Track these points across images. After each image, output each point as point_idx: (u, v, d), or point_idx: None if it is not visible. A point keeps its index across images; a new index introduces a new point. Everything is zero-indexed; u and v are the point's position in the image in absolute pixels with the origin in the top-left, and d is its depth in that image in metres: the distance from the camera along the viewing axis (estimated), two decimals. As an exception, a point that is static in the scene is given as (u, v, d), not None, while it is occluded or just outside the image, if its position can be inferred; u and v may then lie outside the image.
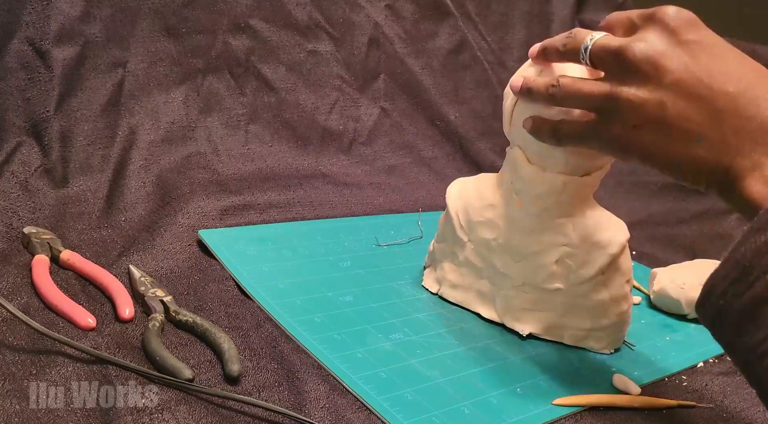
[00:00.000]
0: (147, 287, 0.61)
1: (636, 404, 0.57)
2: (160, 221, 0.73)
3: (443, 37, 1.07)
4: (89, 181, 0.76)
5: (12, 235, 0.66)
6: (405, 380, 0.56)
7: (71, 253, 0.63)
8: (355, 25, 0.99)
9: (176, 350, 0.54)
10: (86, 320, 0.55)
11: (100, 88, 0.80)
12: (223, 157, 0.87)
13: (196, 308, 0.61)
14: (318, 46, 0.96)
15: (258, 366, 0.55)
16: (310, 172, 0.92)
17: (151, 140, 0.83)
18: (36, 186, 0.73)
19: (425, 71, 1.05)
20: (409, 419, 0.51)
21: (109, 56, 0.81)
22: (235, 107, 0.90)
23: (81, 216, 0.72)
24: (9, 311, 0.50)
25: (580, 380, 0.60)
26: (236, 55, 0.90)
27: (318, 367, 0.56)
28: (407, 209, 0.90)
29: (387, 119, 1.02)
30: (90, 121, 0.79)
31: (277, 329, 0.60)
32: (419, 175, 1.01)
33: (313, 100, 0.96)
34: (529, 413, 0.54)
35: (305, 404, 0.51)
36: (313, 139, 0.95)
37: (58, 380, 0.48)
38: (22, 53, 0.74)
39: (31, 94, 0.75)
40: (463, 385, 0.57)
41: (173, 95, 0.86)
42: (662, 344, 0.68)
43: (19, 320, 0.50)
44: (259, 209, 0.81)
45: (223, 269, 0.68)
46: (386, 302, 0.67)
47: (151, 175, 0.80)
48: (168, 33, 0.85)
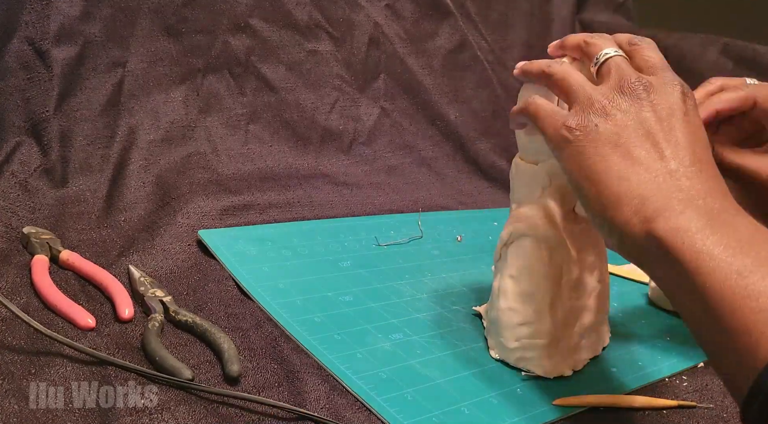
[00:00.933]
0: (146, 287, 0.61)
1: (637, 404, 0.57)
2: (160, 221, 0.73)
3: (443, 36, 1.07)
4: (89, 181, 0.76)
5: (11, 235, 0.66)
6: (405, 380, 0.56)
7: (71, 253, 0.63)
8: (355, 24, 0.99)
9: (176, 351, 0.54)
10: (86, 320, 0.55)
11: (99, 88, 0.80)
12: (223, 157, 0.87)
13: (195, 308, 0.61)
14: (318, 46, 0.96)
15: (258, 366, 0.55)
16: (310, 172, 0.92)
17: (150, 140, 0.82)
18: (35, 186, 0.73)
19: (425, 71, 1.05)
20: (409, 419, 0.51)
21: (108, 56, 0.81)
22: (235, 107, 0.90)
23: (80, 216, 0.72)
24: (10, 310, 0.50)
25: (581, 380, 0.60)
26: (236, 54, 0.90)
27: (318, 367, 0.56)
28: (407, 209, 0.90)
29: (387, 119, 1.02)
30: (89, 121, 0.79)
31: (276, 329, 0.60)
32: (419, 175, 1.01)
33: (313, 100, 0.96)
34: (529, 414, 0.54)
35: (305, 404, 0.51)
36: (313, 139, 0.95)
37: (57, 380, 0.48)
38: (22, 53, 0.74)
39: (31, 94, 0.75)
40: (463, 385, 0.57)
41: (173, 95, 0.86)
42: (662, 344, 0.68)
43: (20, 319, 0.50)
44: (259, 209, 0.81)
45: (223, 269, 0.68)
46: (386, 302, 0.67)
47: (151, 175, 0.80)
48: (168, 33, 0.85)
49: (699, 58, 1.12)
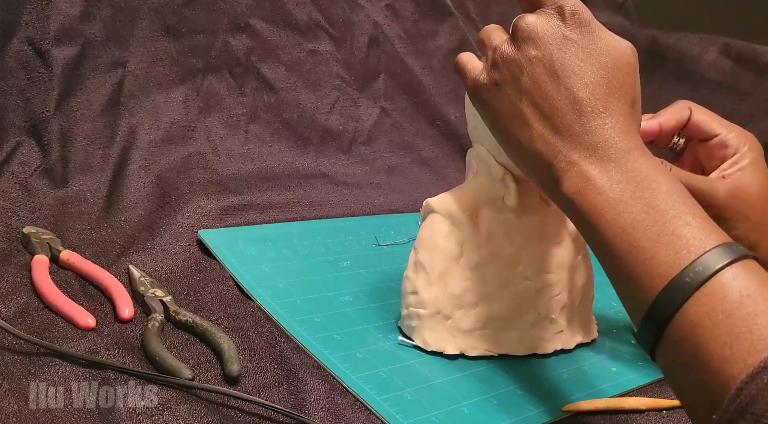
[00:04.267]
0: (147, 287, 0.61)
1: (642, 406, 0.57)
2: (160, 221, 0.73)
3: (443, 36, 1.07)
4: (89, 181, 0.76)
5: (11, 235, 0.66)
6: (405, 380, 0.56)
7: (71, 253, 0.63)
8: (355, 24, 0.99)
9: (176, 351, 0.54)
10: (86, 320, 0.55)
11: (99, 88, 0.80)
12: (223, 157, 0.87)
13: (195, 308, 0.61)
14: (318, 46, 0.96)
15: (258, 366, 0.55)
16: (310, 172, 0.92)
17: (150, 140, 0.82)
18: (35, 186, 0.73)
19: (425, 71, 1.05)
20: (409, 419, 0.51)
21: (108, 56, 0.81)
22: (234, 107, 0.90)
23: (80, 216, 0.72)
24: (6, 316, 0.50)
25: (581, 380, 0.60)
26: (236, 54, 0.90)
27: (318, 367, 0.56)
28: (407, 209, 0.90)
29: (387, 119, 1.02)
30: (90, 121, 0.79)
31: (276, 329, 0.60)
32: (419, 175, 1.01)
33: (313, 100, 0.96)
34: (529, 414, 0.54)
35: (305, 404, 0.51)
36: (313, 139, 0.95)
37: (57, 379, 0.48)
38: (22, 53, 0.74)
39: (31, 93, 0.75)
40: (462, 385, 0.57)
41: (173, 95, 0.86)
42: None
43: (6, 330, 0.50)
44: (258, 209, 0.81)
45: (223, 269, 0.68)
46: (386, 302, 0.67)
47: (151, 175, 0.80)
48: (168, 33, 0.85)
49: (699, 58, 1.12)
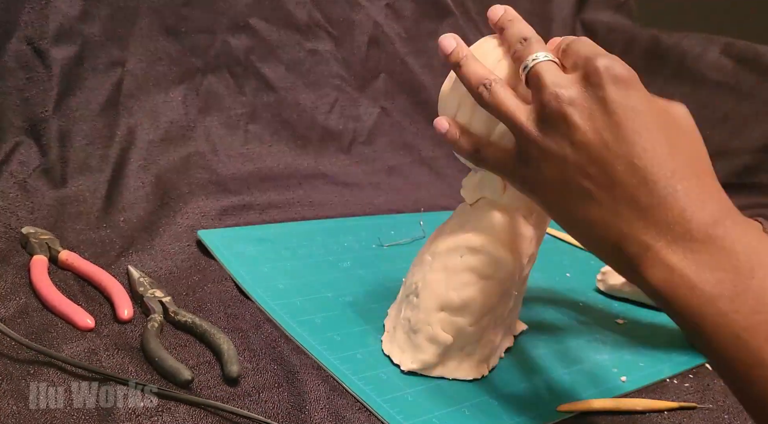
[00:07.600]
0: (146, 288, 0.61)
1: (639, 407, 0.57)
2: (159, 221, 0.73)
3: (443, 36, 1.07)
4: (88, 181, 0.76)
5: (10, 235, 0.66)
6: (405, 381, 0.56)
7: (70, 253, 0.63)
8: (355, 24, 0.99)
9: (175, 351, 0.54)
10: (85, 320, 0.55)
11: (98, 88, 0.80)
12: (223, 157, 0.87)
13: (195, 309, 0.61)
14: (318, 46, 0.96)
15: (257, 367, 0.54)
16: (310, 172, 0.92)
17: (150, 140, 0.82)
18: (34, 186, 0.73)
19: (425, 71, 1.05)
20: (409, 420, 0.51)
21: (107, 56, 0.81)
22: (234, 107, 0.90)
23: (80, 216, 0.72)
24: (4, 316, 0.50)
25: (582, 381, 0.60)
26: (236, 54, 0.90)
27: (318, 368, 0.56)
28: (407, 209, 0.90)
29: (387, 119, 1.02)
30: (89, 120, 0.79)
31: (276, 330, 0.60)
32: (419, 175, 1.01)
33: (313, 99, 0.96)
34: (529, 414, 0.54)
35: (305, 404, 0.51)
36: (313, 138, 0.95)
37: (57, 380, 0.48)
38: (21, 53, 0.74)
39: (30, 93, 0.75)
40: (463, 386, 0.56)
41: (172, 95, 0.86)
42: (663, 345, 0.68)
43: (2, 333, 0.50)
44: (258, 209, 0.81)
45: (222, 269, 0.68)
46: (386, 302, 0.66)
47: (150, 175, 0.80)
48: (167, 32, 0.85)
49: (699, 58, 1.12)
